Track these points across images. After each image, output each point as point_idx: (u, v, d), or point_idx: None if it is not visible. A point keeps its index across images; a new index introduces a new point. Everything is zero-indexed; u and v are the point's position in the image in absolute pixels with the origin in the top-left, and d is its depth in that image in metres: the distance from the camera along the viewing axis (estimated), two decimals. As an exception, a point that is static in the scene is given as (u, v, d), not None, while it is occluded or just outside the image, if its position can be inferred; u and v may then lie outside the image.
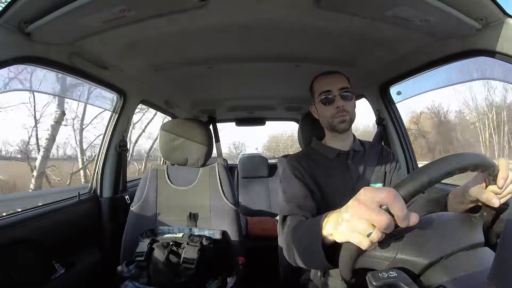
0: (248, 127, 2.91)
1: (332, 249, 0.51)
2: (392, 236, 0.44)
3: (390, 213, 0.39)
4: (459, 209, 0.63)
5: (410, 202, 0.48)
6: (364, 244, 0.40)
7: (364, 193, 0.41)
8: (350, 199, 0.43)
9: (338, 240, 0.45)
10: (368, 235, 0.40)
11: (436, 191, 0.96)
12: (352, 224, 0.41)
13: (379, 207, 0.39)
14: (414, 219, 0.40)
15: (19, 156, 8.18)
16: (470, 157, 0.46)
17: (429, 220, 0.48)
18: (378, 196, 0.39)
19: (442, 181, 0.45)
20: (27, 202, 3.91)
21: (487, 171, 0.49)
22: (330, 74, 0.90)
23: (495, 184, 0.52)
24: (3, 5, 0.69)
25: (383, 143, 1.42)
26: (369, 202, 0.40)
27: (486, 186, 0.54)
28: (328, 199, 0.84)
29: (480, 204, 0.57)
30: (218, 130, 2.55)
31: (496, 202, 0.52)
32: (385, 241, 0.44)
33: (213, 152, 1.34)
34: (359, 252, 0.44)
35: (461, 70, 1.08)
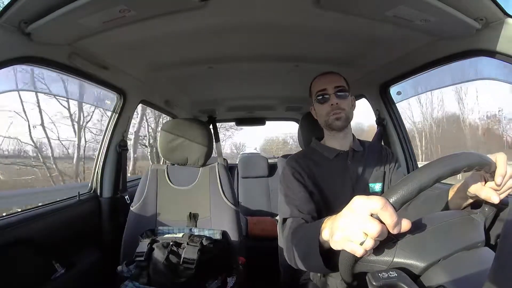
0: (248, 131, 2.92)
1: (331, 254, 0.52)
2: (387, 241, 0.44)
3: (381, 221, 0.39)
4: (461, 204, 0.63)
5: (409, 202, 0.48)
6: (358, 252, 0.41)
7: (355, 202, 0.42)
8: (349, 199, 0.44)
9: (334, 247, 0.46)
10: (361, 244, 0.40)
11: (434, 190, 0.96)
12: (345, 232, 0.42)
13: (370, 216, 0.40)
14: (405, 225, 0.40)
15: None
16: (462, 158, 0.45)
17: (423, 223, 0.48)
18: (368, 204, 0.40)
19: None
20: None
21: (483, 169, 0.49)
22: (327, 74, 0.92)
23: (493, 180, 0.51)
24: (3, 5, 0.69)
25: (383, 143, 1.42)
26: (361, 211, 0.40)
27: (485, 183, 0.54)
28: (327, 200, 0.84)
29: (480, 199, 0.56)
30: (226, 131, 2.56)
31: (495, 199, 0.51)
32: (380, 247, 0.44)
33: (213, 152, 1.34)
34: (356, 258, 0.45)
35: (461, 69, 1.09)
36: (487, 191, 0.53)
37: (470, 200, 0.60)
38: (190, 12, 0.81)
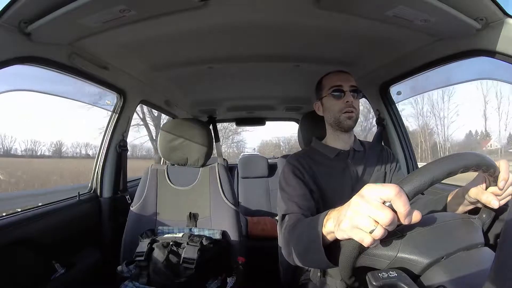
0: (247, 133, 2.92)
1: (332, 248, 0.51)
2: (394, 234, 0.44)
3: (393, 209, 0.39)
4: (459, 210, 0.63)
5: (411, 203, 0.48)
6: (366, 241, 0.40)
7: (367, 189, 0.41)
8: (349, 198, 0.43)
9: (340, 237, 0.44)
10: (371, 232, 0.39)
11: (436, 191, 0.96)
12: (355, 220, 0.41)
13: (383, 203, 0.39)
14: (416, 216, 0.40)
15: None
16: (472, 156, 0.46)
17: (430, 219, 0.48)
18: (382, 192, 0.39)
19: (443, 182, 0.45)
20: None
21: (488, 172, 0.50)
22: (342, 72, 0.92)
23: (496, 185, 0.52)
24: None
25: (383, 143, 1.42)
26: (373, 198, 0.39)
27: (487, 187, 0.54)
28: (327, 199, 0.84)
29: (479, 205, 0.57)
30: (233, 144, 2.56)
31: (495, 204, 0.52)
32: (386, 239, 0.44)
33: (213, 152, 1.34)
34: (361, 249, 0.44)
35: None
36: (488, 195, 0.53)
37: (469, 207, 0.61)
38: (190, 12, 0.81)
